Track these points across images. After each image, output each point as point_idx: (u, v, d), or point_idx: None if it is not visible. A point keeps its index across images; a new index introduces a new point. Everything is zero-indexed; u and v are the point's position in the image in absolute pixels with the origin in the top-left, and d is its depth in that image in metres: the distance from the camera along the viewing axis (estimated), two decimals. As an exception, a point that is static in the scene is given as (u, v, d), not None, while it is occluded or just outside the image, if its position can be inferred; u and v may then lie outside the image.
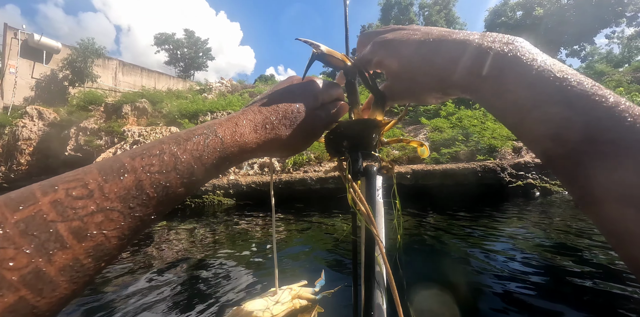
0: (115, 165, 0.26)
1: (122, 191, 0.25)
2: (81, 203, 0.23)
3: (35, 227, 0.21)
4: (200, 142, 0.30)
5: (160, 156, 0.28)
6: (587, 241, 3.35)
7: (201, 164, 0.30)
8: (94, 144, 9.61)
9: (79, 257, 0.22)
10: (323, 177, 6.85)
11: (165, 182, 0.27)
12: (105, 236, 0.24)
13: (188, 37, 28.98)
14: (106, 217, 0.24)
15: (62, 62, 14.96)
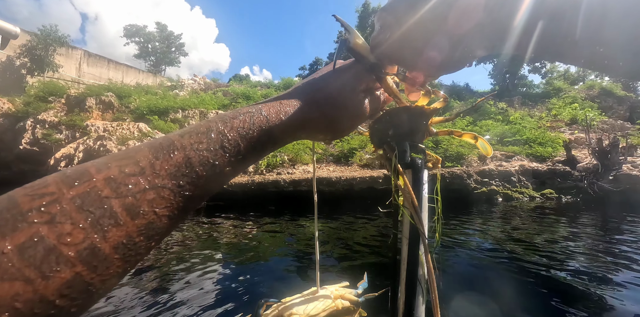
0: (165, 143, 0.27)
1: (173, 168, 0.25)
2: (134, 180, 0.23)
3: (91, 203, 0.21)
4: (246, 120, 0.30)
5: (208, 134, 0.28)
6: (540, 240, 3.56)
7: (247, 142, 0.30)
8: (52, 138, 8.98)
9: (132, 234, 0.22)
10: (296, 179, 6.82)
11: (214, 160, 0.27)
12: (156, 213, 0.24)
13: (160, 31, 27.97)
14: (157, 195, 0.24)
15: (20, 48, 13.92)
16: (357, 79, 0.39)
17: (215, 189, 0.29)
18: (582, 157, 8.29)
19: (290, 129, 0.33)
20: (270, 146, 0.32)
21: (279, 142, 0.33)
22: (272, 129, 0.32)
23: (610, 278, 2.62)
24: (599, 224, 4.86)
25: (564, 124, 12.19)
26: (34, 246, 0.19)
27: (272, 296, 0.89)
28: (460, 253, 3.32)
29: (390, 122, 0.44)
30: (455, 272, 2.79)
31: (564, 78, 23.58)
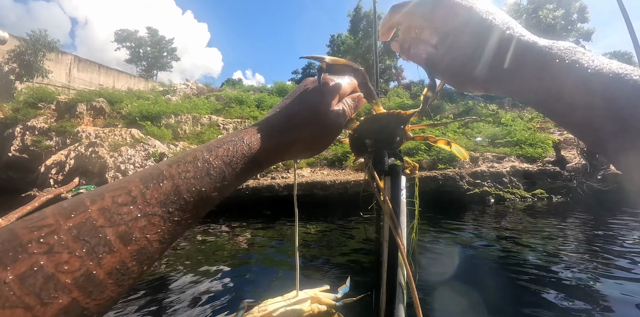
0: (155, 172, 0.29)
1: (162, 196, 0.27)
2: (126, 209, 0.25)
3: (86, 232, 0.23)
4: (229, 148, 0.33)
5: (195, 163, 0.30)
6: (533, 239, 3.62)
7: (232, 169, 0.32)
8: (42, 145, 8.86)
9: (125, 260, 0.24)
10: (291, 184, 6.83)
11: (200, 187, 0.29)
12: (148, 239, 0.25)
13: (151, 36, 27.82)
14: (149, 222, 0.26)
15: (8, 54, 13.73)
16: (328, 95, 0.41)
17: (204, 213, 0.31)
18: (571, 158, 8.44)
19: (271, 153, 0.36)
20: (254, 171, 0.35)
21: (263, 166, 0.36)
22: (254, 156, 0.34)
23: (600, 273, 2.68)
24: (588, 223, 4.95)
25: (553, 125, 12.40)
26: (34, 275, 0.21)
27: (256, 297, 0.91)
28: (454, 253, 3.36)
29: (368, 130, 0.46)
30: (447, 271, 2.83)
31: (552, 80, 24.01)
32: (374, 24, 1.57)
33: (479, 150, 9.34)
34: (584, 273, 2.75)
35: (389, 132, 0.45)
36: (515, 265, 3.01)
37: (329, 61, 0.41)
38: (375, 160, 0.45)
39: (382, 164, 0.45)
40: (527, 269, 2.88)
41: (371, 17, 24.38)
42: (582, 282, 2.55)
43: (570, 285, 2.49)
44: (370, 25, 24.43)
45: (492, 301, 2.25)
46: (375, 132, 0.45)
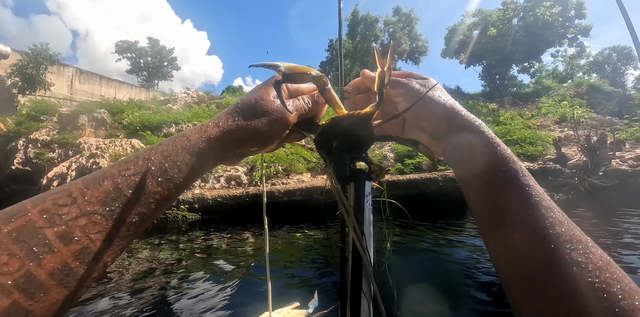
0: (97, 174, 0.29)
1: (102, 195, 0.27)
2: (66, 209, 0.25)
3: (26, 234, 0.23)
4: (169, 143, 0.33)
5: (135, 161, 0.31)
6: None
7: (172, 162, 0.32)
8: (45, 157, 8.96)
9: (67, 260, 0.24)
10: (290, 189, 6.83)
11: (141, 183, 0.29)
12: (90, 238, 0.25)
13: (152, 46, 28.15)
14: (89, 220, 0.26)
15: (10, 68, 13.94)
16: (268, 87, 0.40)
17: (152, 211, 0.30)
18: (572, 155, 8.38)
19: (213, 144, 0.35)
20: (197, 165, 0.34)
21: (206, 160, 0.35)
22: (194, 147, 0.34)
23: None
24: (592, 220, 4.90)
25: (553, 123, 12.33)
26: None
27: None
28: (453, 257, 3.33)
29: (332, 132, 0.43)
30: (448, 274, 2.81)
31: (552, 77, 23.91)
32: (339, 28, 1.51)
33: (479, 150, 9.29)
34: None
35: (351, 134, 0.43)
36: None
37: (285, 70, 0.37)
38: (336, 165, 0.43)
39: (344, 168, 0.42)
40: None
41: (369, 21, 24.51)
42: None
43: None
44: (368, 29, 24.56)
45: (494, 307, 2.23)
46: (338, 134, 0.43)
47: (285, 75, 0.37)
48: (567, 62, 26.62)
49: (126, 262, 3.67)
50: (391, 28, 24.62)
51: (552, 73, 25.84)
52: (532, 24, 19.62)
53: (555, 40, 20.45)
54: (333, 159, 0.43)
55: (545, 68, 25.63)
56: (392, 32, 24.49)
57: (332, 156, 0.44)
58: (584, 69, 26.94)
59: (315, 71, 0.39)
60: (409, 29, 24.81)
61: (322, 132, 0.44)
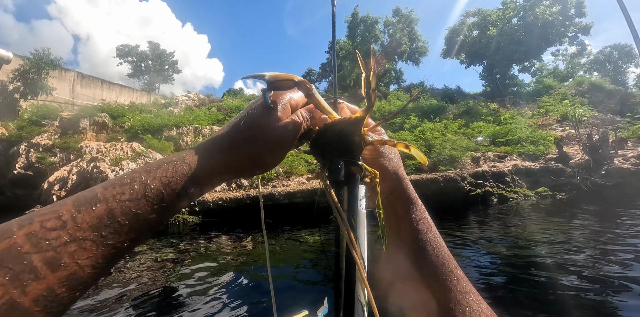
0: (89, 195, 0.27)
1: (94, 220, 0.26)
2: (55, 234, 0.24)
3: (10, 259, 0.22)
4: (169, 169, 0.31)
5: (131, 184, 0.29)
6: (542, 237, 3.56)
7: (170, 189, 0.30)
8: (47, 162, 9.00)
9: (52, 287, 0.23)
10: (291, 191, 6.83)
11: (136, 210, 0.28)
12: (78, 265, 0.24)
13: (153, 50, 28.31)
14: (79, 247, 0.24)
15: (12, 73, 14.04)
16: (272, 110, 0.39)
17: (142, 237, 0.29)
18: (573, 154, 8.33)
19: (213, 173, 0.34)
20: (196, 192, 0.33)
21: (205, 186, 0.34)
22: (195, 176, 0.32)
23: (613, 268, 2.63)
24: (594, 219, 4.86)
25: (554, 121, 12.28)
26: None
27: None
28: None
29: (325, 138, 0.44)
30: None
31: (553, 75, 23.84)
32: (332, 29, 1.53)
33: (480, 150, 9.26)
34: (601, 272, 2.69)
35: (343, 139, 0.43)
36: (525, 270, 2.96)
37: (268, 78, 0.39)
38: (329, 169, 0.43)
39: (337, 173, 0.42)
40: (537, 276, 2.83)
41: (368, 22, 24.55)
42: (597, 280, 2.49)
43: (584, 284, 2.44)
44: (368, 30, 24.59)
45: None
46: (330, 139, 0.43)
47: (270, 83, 0.38)
48: (568, 60, 26.56)
49: (126, 266, 3.67)
50: (391, 29, 24.63)
51: (553, 72, 25.76)
52: (532, 23, 19.60)
53: (555, 39, 20.40)
54: (327, 164, 0.44)
55: (545, 67, 25.57)
56: (392, 33, 24.50)
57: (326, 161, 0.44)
58: (585, 67, 26.87)
59: (298, 77, 0.39)
60: (408, 30, 24.80)
61: (315, 138, 0.44)
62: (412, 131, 10.86)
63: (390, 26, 24.74)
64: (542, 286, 2.47)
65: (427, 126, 11.00)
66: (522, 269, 2.89)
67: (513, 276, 2.73)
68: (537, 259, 3.13)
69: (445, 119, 12.21)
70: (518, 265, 3.00)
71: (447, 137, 9.73)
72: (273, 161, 0.39)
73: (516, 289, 2.49)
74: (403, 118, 12.50)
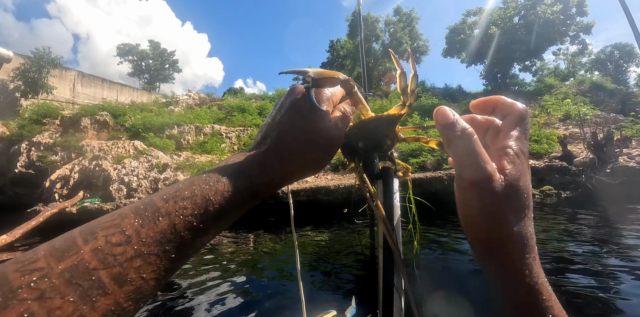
0: (150, 208, 0.27)
1: (158, 235, 0.26)
2: (120, 249, 0.24)
3: (79, 275, 0.22)
4: (230, 183, 0.31)
5: (193, 199, 0.29)
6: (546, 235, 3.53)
7: (231, 204, 0.31)
8: (48, 160, 8.95)
9: (119, 301, 0.23)
10: (294, 190, 6.80)
11: (199, 224, 0.28)
12: (143, 279, 0.24)
13: (153, 49, 28.27)
14: (144, 261, 0.25)
15: (13, 72, 14.01)
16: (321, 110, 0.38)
17: (202, 247, 0.30)
18: (578, 152, 8.31)
19: (274, 183, 0.34)
20: (253, 203, 0.34)
21: (263, 197, 0.34)
22: (255, 189, 0.32)
23: (619, 270, 2.60)
24: (599, 217, 4.84)
25: (557, 120, 12.26)
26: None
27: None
28: (461, 258, 3.28)
29: (359, 134, 0.44)
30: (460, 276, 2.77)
31: (554, 75, 23.83)
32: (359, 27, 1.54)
33: (483, 149, 9.25)
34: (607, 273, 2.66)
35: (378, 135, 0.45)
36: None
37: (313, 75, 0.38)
38: (365, 163, 0.44)
39: (373, 167, 0.43)
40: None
41: (369, 21, 24.53)
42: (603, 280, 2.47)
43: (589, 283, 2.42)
44: (369, 29, 24.57)
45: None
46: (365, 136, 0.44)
47: (315, 80, 0.38)
48: (569, 60, 26.55)
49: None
50: (392, 28, 24.60)
51: (554, 71, 25.75)
52: (533, 22, 19.57)
53: (556, 38, 20.37)
54: (361, 158, 0.45)
55: (547, 66, 25.56)
56: (392, 32, 24.47)
57: (360, 156, 0.45)
58: (586, 66, 26.86)
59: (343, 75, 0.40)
60: (409, 29, 24.78)
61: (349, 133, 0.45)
62: (414, 130, 10.85)
63: (391, 25, 24.72)
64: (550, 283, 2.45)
65: (430, 124, 11.01)
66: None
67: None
68: (542, 256, 3.10)
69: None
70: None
71: (438, 137, 9.72)
72: (331, 158, 0.39)
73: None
74: (405, 117, 12.45)
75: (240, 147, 11.21)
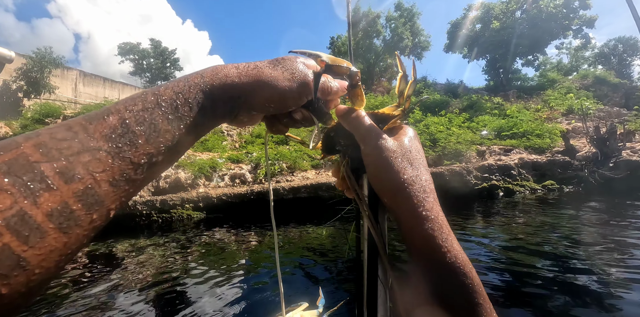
0: (100, 110, 0.26)
1: (107, 130, 0.24)
2: (65, 144, 0.22)
3: (19, 168, 0.20)
4: (181, 79, 0.31)
5: (143, 96, 0.28)
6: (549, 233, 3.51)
7: (184, 99, 0.29)
8: (51, 159, 9.01)
9: (67, 200, 0.21)
10: (295, 186, 6.80)
11: (150, 119, 0.27)
12: (94, 178, 0.22)
13: (154, 47, 28.24)
14: (93, 157, 0.23)
15: (15, 72, 14.05)
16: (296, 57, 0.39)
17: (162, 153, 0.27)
18: (580, 146, 8.26)
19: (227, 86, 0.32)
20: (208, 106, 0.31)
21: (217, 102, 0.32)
22: (207, 85, 0.31)
23: (623, 265, 2.58)
24: (602, 212, 4.81)
25: (560, 115, 12.17)
26: None
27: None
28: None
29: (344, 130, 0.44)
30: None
31: (557, 69, 23.61)
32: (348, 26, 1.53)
33: (485, 144, 9.19)
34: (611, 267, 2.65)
35: None
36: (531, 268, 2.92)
37: (327, 61, 0.39)
38: (350, 157, 0.44)
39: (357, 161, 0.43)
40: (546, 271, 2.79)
41: (370, 17, 24.39)
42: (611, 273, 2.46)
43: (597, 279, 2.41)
44: (370, 25, 24.44)
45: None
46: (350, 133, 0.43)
47: (328, 66, 0.39)
48: (572, 54, 26.29)
49: (131, 262, 3.66)
50: (393, 24, 24.42)
51: (557, 66, 25.51)
52: (535, 16, 19.37)
53: (559, 32, 20.16)
54: (347, 153, 0.45)
55: (549, 61, 25.33)
56: (394, 27, 24.30)
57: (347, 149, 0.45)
58: (589, 60, 26.58)
59: (354, 67, 0.41)
60: (410, 24, 24.58)
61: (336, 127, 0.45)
62: (417, 125, 10.79)
63: (392, 21, 24.53)
64: (551, 280, 2.44)
65: (431, 120, 10.92)
66: (530, 263, 2.85)
67: (520, 271, 2.69)
68: (544, 253, 3.09)
69: (450, 113, 12.13)
70: (525, 259, 2.96)
71: (451, 131, 9.65)
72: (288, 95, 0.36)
73: (528, 282, 2.46)
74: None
75: (241, 144, 11.22)
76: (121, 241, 4.61)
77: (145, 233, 5.31)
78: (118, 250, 4.20)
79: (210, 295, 2.54)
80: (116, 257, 3.90)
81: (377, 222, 0.43)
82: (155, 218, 6.11)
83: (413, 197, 0.35)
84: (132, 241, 4.67)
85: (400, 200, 0.36)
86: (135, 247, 4.31)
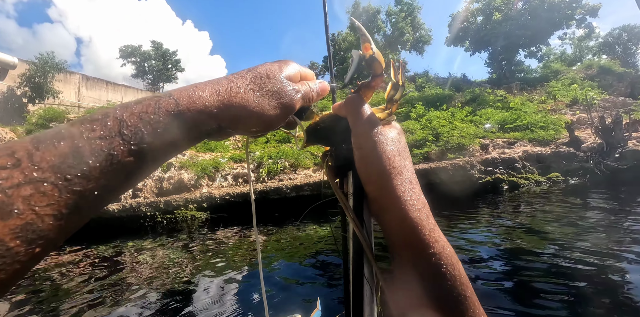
0: (52, 132, 0.23)
1: (56, 159, 0.21)
2: (5, 174, 0.20)
3: None
4: (151, 104, 0.27)
5: (103, 120, 0.24)
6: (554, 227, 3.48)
7: (152, 128, 0.26)
8: (56, 163, 9.11)
9: (3, 238, 0.19)
10: (298, 184, 6.80)
11: (109, 149, 0.23)
12: (36, 213, 0.20)
13: (156, 49, 28.34)
14: (36, 190, 0.20)
15: (19, 77, 14.18)
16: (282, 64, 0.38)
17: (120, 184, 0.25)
18: (585, 137, 8.15)
19: (204, 114, 0.29)
20: (182, 135, 0.28)
21: (193, 131, 0.29)
22: (182, 115, 0.28)
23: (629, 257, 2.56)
24: (608, 203, 4.75)
25: (564, 106, 12.02)
26: None
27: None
28: (467, 251, 3.26)
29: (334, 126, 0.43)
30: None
31: (560, 60, 23.31)
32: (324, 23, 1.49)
33: (488, 137, 9.11)
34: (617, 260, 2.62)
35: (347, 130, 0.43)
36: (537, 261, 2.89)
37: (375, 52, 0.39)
38: (335, 155, 0.43)
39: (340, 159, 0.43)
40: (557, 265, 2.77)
41: (370, 12, 24.23)
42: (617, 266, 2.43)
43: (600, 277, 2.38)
44: (370, 20, 24.28)
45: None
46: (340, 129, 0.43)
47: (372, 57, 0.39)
48: (576, 44, 25.90)
49: (134, 262, 3.69)
50: (393, 18, 24.25)
51: (561, 56, 25.16)
52: (537, 6, 19.11)
53: (562, 22, 19.87)
54: (330, 151, 0.44)
55: (553, 51, 24.97)
56: (394, 22, 24.13)
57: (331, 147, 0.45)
58: (594, 50, 26.18)
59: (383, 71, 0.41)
60: (411, 19, 24.40)
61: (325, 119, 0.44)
62: (419, 120, 10.73)
63: (392, 15, 24.36)
64: (561, 273, 2.42)
65: (433, 114, 10.85)
66: (536, 256, 2.83)
67: (524, 264, 2.67)
68: (550, 245, 3.06)
69: (452, 107, 12.04)
70: (530, 252, 2.93)
71: (454, 125, 9.58)
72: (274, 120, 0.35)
73: (533, 276, 2.44)
74: (409, 107, 12.36)
75: (244, 144, 11.24)
76: (127, 243, 4.65)
77: (150, 234, 5.35)
78: (124, 252, 4.24)
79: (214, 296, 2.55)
80: (122, 258, 3.94)
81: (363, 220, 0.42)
82: (160, 219, 6.15)
83: (401, 186, 0.36)
84: (137, 242, 4.71)
85: (389, 189, 0.36)
86: (141, 248, 4.35)
